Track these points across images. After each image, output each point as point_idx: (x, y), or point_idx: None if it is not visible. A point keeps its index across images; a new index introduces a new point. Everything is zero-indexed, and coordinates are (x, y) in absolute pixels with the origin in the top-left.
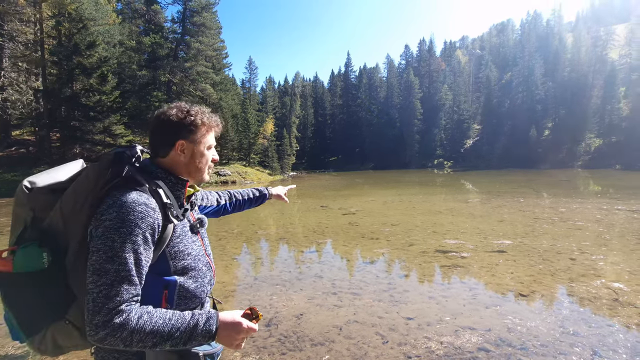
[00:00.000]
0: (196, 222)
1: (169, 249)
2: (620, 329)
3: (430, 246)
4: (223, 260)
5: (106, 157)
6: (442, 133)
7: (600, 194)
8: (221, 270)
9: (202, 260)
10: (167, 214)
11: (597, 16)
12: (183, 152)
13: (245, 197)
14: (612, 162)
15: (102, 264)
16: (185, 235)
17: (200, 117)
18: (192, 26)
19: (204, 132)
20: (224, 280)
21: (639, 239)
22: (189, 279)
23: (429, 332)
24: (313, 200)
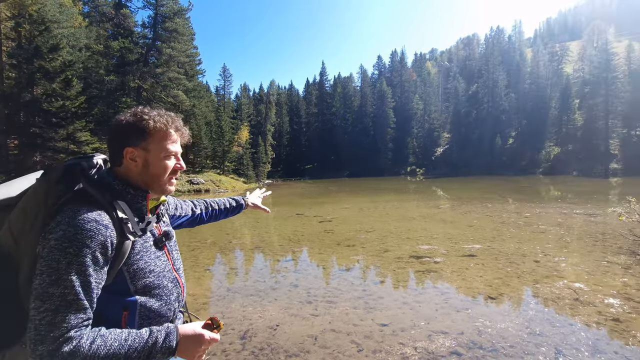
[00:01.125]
0: (161, 235)
1: (127, 267)
2: (582, 328)
3: (405, 252)
4: (195, 272)
5: (56, 169)
6: (414, 141)
7: (560, 199)
8: (193, 282)
9: (168, 276)
10: (122, 230)
11: (553, 33)
12: (134, 161)
13: (221, 206)
14: (569, 169)
15: (46, 287)
16: (147, 251)
17: (154, 122)
18: (164, 32)
19: (159, 139)
20: (196, 293)
21: (595, 241)
22: (151, 298)
23: (403, 338)
24: (289, 208)
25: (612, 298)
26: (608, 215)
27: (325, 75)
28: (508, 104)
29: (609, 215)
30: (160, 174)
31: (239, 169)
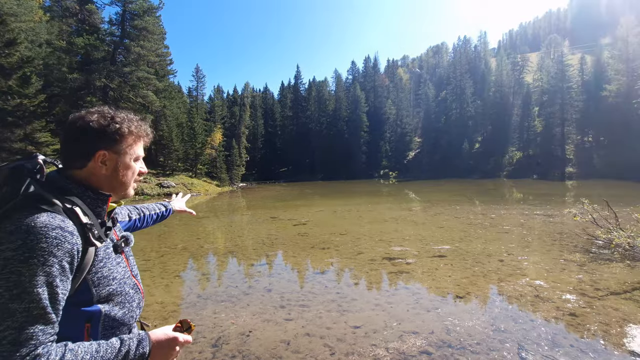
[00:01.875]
0: (120, 240)
1: (91, 275)
2: (542, 323)
3: (378, 254)
4: (164, 279)
5: (1, 172)
6: (387, 145)
7: (522, 201)
8: (161, 290)
9: (129, 282)
10: (87, 236)
11: (515, 44)
12: (104, 164)
13: (152, 212)
14: (530, 173)
15: (6, 304)
16: (109, 258)
17: (127, 125)
18: (133, 30)
19: (130, 142)
20: (164, 300)
21: (553, 240)
22: (115, 306)
23: (375, 339)
24: (263, 212)
25: (568, 294)
26: (564, 216)
27: (300, 79)
28: (474, 110)
29: (566, 216)
30: (129, 178)
31: (212, 171)
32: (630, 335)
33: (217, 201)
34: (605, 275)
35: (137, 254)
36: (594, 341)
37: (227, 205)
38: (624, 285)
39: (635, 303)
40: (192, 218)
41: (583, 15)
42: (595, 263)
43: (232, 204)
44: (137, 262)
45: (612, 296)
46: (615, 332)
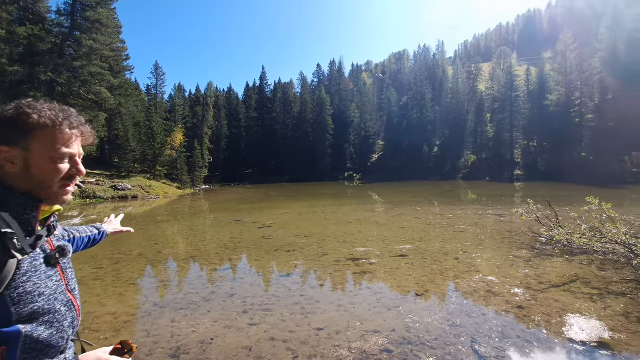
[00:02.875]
0: (55, 251)
1: (10, 291)
2: (493, 317)
3: (342, 255)
4: (117, 288)
5: None
6: (351, 148)
7: (476, 201)
8: (114, 299)
9: (61, 298)
10: (7, 247)
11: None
12: (11, 162)
13: (83, 235)
14: (483, 175)
15: None
16: (37, 271)
17: (39, 117)
18: (84, 21)
19: (44, 137)
20: (117, 311)
21: (503, 238)
22: (40, 326)
23: (338, 340)
24: (227, 215)
25: (516, 288)
26: (513, 215)
27: (266, 80)
28: (433, 115)
29: (514, 215)
30: (47, 179)
31: (172, 173)
32: (568, 324)
33: (177, 204)
34: (547, 270)
35: (88, 262)
36: (537, 331)
37: (189, 208)
38: (563, 278)
39: (572, 294)
40: (150, 222)
41: (528, 30)
42: (539, 258)
43: (193, 207)
44: (88, 271)
45: (553, 289)
46: (555, 321)
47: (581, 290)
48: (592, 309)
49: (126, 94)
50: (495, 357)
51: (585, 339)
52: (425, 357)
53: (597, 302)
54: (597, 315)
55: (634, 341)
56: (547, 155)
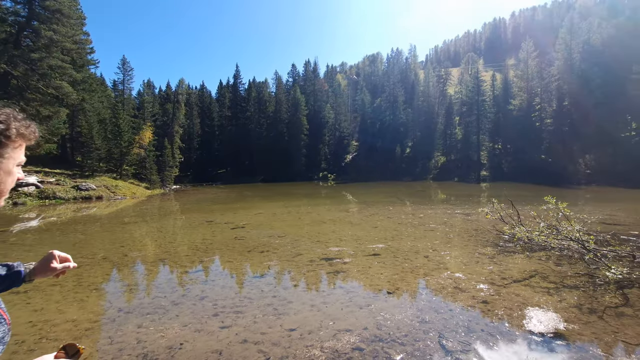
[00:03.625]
0: None
1: None
2: (460, 312)
3: (316, 255)
4: (78, 293)
5: None
6: (326, 148)
7: (446, 201)
8: (75, 306)
9: None
10: None
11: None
12: None
13: None
14: (452, 176)
15: None
16: None
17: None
18: (43, 11)
19: (16, 146)
20: (77, 318)
21: (470, 236)
22: None
23: (310, 340)
24: (198, 215)
25: (482, 284)
26: (479, 214)
27: (240, 79)
28: (405, 117)
29: (480, 214)
30: (9, 186)
31: (140, 173)
32: (528, 316)
33: (145, 205)
34: (509, 266)
35: None
36: (500, 324)
37: (158, 209)
38: (523, 274)
39: (531, 288)
40: (116, 224)
41: (494, 38)
42: (503, 255)
43: (163, 208)
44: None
45: (514, 284)
46: (516, 315)
47: (539, 284)
48: (549, 302)
49: (90, 89)
50: (461, 351)
51: (543, 330)
52: (395, 354)
53: (553, 295)
54: (554, 307)
55: (585, 331)
56: (510, 157)
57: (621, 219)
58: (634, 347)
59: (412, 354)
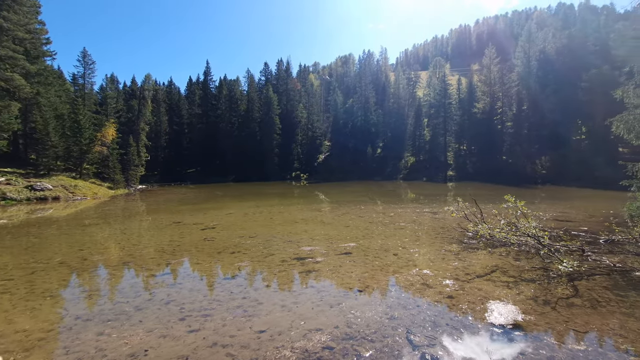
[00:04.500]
0: None
1: None
2: (427, 308)
3: (288, 255)
4: (30, 301)
5: None
6: (298, 148)
7: (415, 200)
8: (27, 315)
9: None
10: None
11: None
12: None
13: None
14: (421, 176)
15: None
16: None
17: None
18: None
19: None
20: (28, 328)
21: (437, 234)
22: None
23: (280, 341)
24: (166, 216)
25: (447, 279)
26: (445, 213)
27: (210, 76)
28: (377, 118)
29: (446, 213)
30: None
31: (102, 172)
32: (489, 309)
33: (108, 206)
34: (473, 262)
35: None
36: (464, 318)
37: (122, 210)
38: (485, 269)
39: (493, 283)
40: (75, 226)
41: (460, 43)
42: (467, 252)
43: (127, 209)
44: None
45: (477, 279)
46: (479, 308)
47: (500, 278)
48: (509, 295)
49: (46, 82)
50: (428, 345)
51: (503, 322)
52: (364, 351)
53: (512, 288)
54: (513, 300)
55: (540, 321)
56: (474, 158)
57: (572, 216)
58: (583, 335)
59: (380, 351)
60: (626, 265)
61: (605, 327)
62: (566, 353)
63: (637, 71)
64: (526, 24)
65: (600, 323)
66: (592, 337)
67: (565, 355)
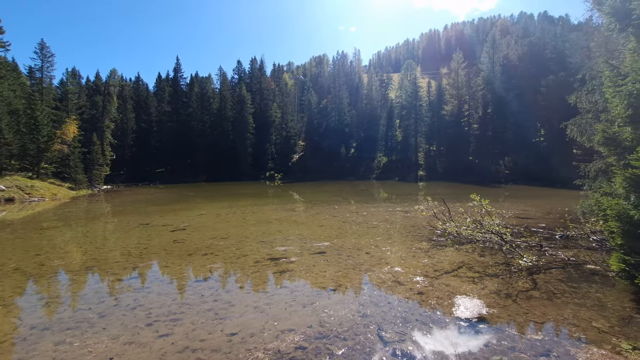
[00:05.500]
0: None
1: None
2: (398, 304)
3: (262, 255)
4: None
5: None
6: (272, 147)
7: (387, 199)
8: None
9: None
10: None
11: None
12: None
13: None
14: (393, 175)
15: None
16: None
17: None
18: None
19: None
20: None
21: (408, 232)
22: None
23: (253, 343)
24: (133, 218)
25: (418, 276)
26: (416, 211)
27: (181, 72)
28: (350, 119)
29: (416, 211)
30: None
31: (63, 172)
32: (456, 304)
33: (69, 207)
34: (441, 258)
35: None
36: (433, 313)
37: (85, 212)
38: (453, 265)
39: (459, 279)
40: (32, 230)
41: (430, 47)
42: (436, 249)
43: (91, 211)
44: None
45: (445, 275)
46: (447, 303)
47: (466, 274)
48: (474, 290)
49: None
50: (398, 340)
51: (469, 316)
52: (337, 350)
53: (477, 283)
54: (478, 294)
55: (502, 314)
56: (444, 158)
57: (532, 213)
58: (541, 325)
59: (352, 348)
60: (579, 259)
61: (560, 317)
62: (525, 343)
63: (589, 78)
64: (491, 30)
65: (555, 313)
66: (548, 327)
67: (525, 345)
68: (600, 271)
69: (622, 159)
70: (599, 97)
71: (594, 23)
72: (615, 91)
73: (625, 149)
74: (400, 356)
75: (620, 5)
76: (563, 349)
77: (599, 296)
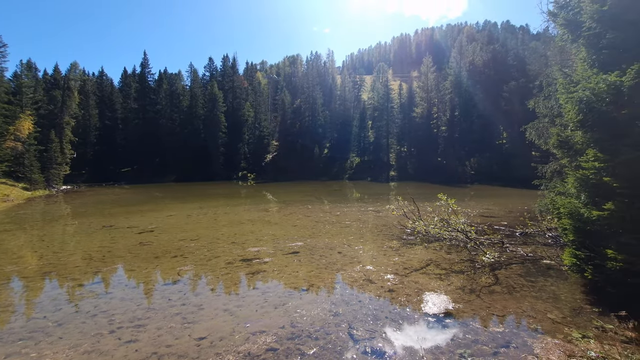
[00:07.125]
0: None
1: None
2: (369, 302)
3: (234, 257)
4: None
5: None
6: (245, 147)
7: (359, 199)
8: None
9: None
10: None
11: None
12: None
13: None
14: (365, 176)
15: None
16: None
17: None
18: None
19: None
20: None
21: (379, 231)
22: None
23: (222, 347)
24: (95, 220)
25: (388, 274)
26: (387, 211)
27: (149, 68)
28: (324, 119)
29: (388, 211)
30: None
31: (16, 171)
32: (424, 301)
33: (24, 209)
34: (411, 256)
35: None
36: (402, 310)
37: (41, 214)
38: (421, 263)
39: (427, 276)
40: None
41: (401, 51)
42: (405, 247)
43: (48, 213)
44: None
45: (414, 272)
46: (416, 300)
47: (434, 271)
48: (441, 287)
49: None
50: (368, 338)
51: (437, 311)
52: (308, 349)
53: (444, 280)
54: (444, 291)
55: (467, 309)
56: (414, 159)
57: (495, 212)
58: (502, 318)
59: (324, 348)
60: (536, 255)
61: (519, 310)
62: (488, 336)
63: (546, 85)
64: (458, 37)
65: (515, 307)
66: (509, 320)
67: (487, 337)
68: (555, 266)
69: (574, 161)
70: (554, 102)
71: (550, 33)
72: (567, 97)
73: (576, 151)
74: (370, 353)
75: (572, 18)
76: (521, 340)
77: (554, 289)
